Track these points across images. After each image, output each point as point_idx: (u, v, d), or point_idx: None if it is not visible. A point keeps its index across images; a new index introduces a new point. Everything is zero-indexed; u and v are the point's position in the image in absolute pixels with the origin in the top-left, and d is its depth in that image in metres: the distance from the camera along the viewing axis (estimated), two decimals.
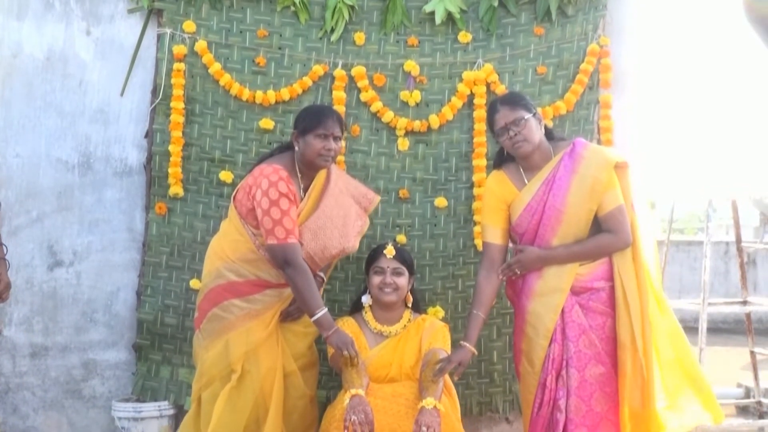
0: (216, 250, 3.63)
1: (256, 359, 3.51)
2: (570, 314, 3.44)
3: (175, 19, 4.27)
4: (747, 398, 6.20)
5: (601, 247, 3.45)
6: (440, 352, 3.60)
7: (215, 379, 3.54)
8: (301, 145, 3.57)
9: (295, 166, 3.60)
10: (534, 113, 3.50)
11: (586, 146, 3.52)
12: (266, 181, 3.45)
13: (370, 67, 4.32)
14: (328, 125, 3.56)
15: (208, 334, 3.56)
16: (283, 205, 3.42)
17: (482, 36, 4.39)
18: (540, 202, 3.49)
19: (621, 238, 3.43)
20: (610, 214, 3.43)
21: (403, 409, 3.44)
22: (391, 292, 3.72)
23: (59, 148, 4.33)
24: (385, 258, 3.75)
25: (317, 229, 3.60)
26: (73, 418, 4.35)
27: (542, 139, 3.52)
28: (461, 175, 4.35)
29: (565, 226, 3.45)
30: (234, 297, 3.52)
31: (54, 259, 4.33)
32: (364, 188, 3.95)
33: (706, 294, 5.65)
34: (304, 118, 3.61)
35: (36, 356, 4.32)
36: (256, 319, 3.53)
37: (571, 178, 3.44)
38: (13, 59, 4.31)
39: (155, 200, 4.25)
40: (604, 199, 3.42)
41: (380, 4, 4.37)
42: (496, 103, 3.57)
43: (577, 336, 3.43)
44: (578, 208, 3.43)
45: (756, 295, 9.05)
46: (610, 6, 4.45)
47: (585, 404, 3.39)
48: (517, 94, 3.73)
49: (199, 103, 4.27)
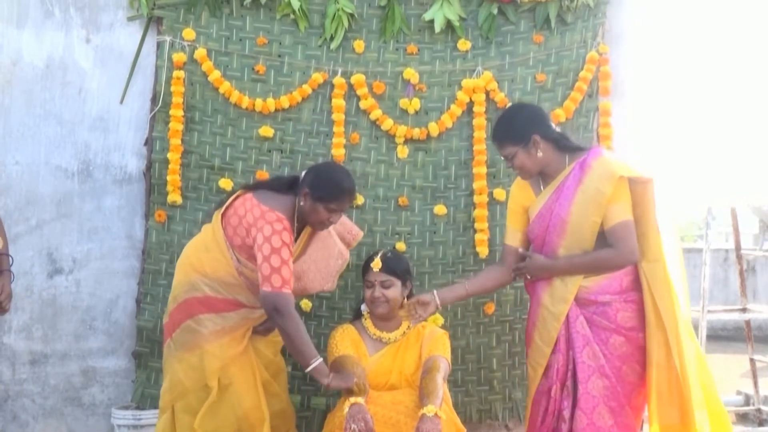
0: (193, 262, 3.55)
1: (232, 373, 3.47)
2: (574, 325, 3.43)
3: (175, 26, 4.27)
4: (747, 406, 6.19)
5: (601, 261, 3.42)
6: (440, 359, 3.60)
7: (189, 391, 3.47)
8: (308, 206, 3.50)
9: (294, 214, 3.54)
10: (524, 143, 3.45)
11: (598, 156, 3.45)
12: (269, 228, 3.38)
13: (370, 75, 4.33)
14: (343, 205, 3.56)
15: (181, 345, 3.50)
16: (285, 254, 3.36)
17: (481, 44, 4.40)
18: (548, 210, 3.48)
19: (622, 255, 3.38)
20: (612, 228, 3.38)
21: (402, 417, 3.43)
22: (381, 304, 3.71)
23: (59, 156, 4.33)
24: (372, 272, 3.72)
25: (301, 273, 3.62)
26: (73, 426, 4.35)
27: (549, 156, 3.47)
28: (461, 183, 4.36)
29: (570, 236, 3.43)
30: (209, 311, 3.47)
31: (53, 266, 4.33)
32: (350, 223, 3.93)
33: (706, 301, 5.66)
34: (323, 188, 3.49)
35: (35, 364, 4.32)
36: (229, 335, 3.49)
37: (577, 188, 3.41)
38: (13, 67, 4.32)
39: (155, 208, 4.24)
40: (608, 212, 3.37)
41: (379, 12, 4.38)
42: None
43: (581, 347, 3.41)
44: (582, 219, 3.40)
45: (755, 302, 9.05)
46: (609, 14, 4.47)
47: (587, 417, 3.36)
48: (503, 128, 3.56)
49: (198, 111, 4.27)
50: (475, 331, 4.34)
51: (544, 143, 3.47)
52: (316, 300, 4.25)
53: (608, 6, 4.46)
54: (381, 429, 3.35)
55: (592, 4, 4.40)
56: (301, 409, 4.14)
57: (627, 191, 3.40)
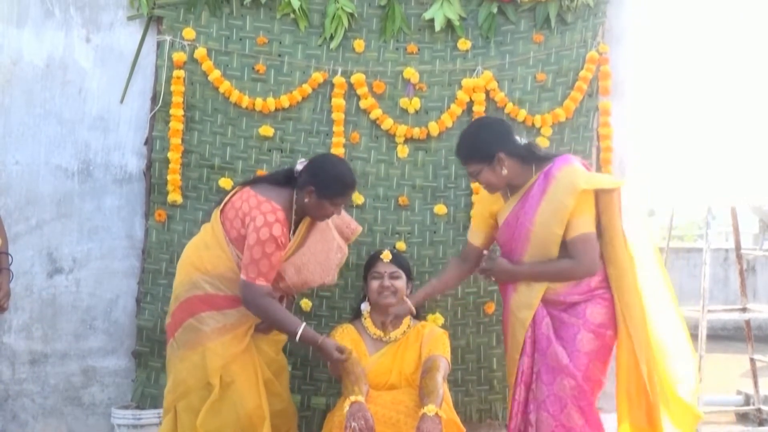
0: (194, 261, 3.57)
1: (234, 372, 3.48)
2: (540, 327, 3.43)
3: (175, 26, 4.27)
4: (747, 405, 6.19)
5: (562, 271, 3.41)
6: (440, 359, 3.60)
7: (191, 390, 3.49)
8: (312, 202, 3.51)
9: (292, 207, 3.55)
10: (489, 161, 3.42)
11: (562, 167, 3.41)
12: (262, 218, 3.40)
13: (370, 75, 4.33)
14: (348, 199, 3.63)
15: (183, 344, 3.51)
16: (268, 248, 3.38)
17: (481, 43, 4.40)
18: (515, 219, 3.48)
19: (583, 267, 3.38)
20: (572, 241, 3.36)
21: (402, 417, 3.44)
22: (390, 295, 3.73)
23: (59, 156, 4.33)
24: (382, 263, 3.78)
25: (301, 265, 3.62)
26: (73, 426, 4.35)
27: (514, 171, 3.45)
28: (460, 182, 4.36)
29: (534, 245, 3.42)
30: (210, 309, 3.49)
31: (53, 266, 4.33)
32: (348, 217, 3.93)
33: (706, 301, 5.65)
34: (328, 186, 3.50)
35: (35, 363, 4.32)
36: (230, 333, 3.50)
37: (541, 198, 3.39)
38: (13, 66, 4.32)
39: (155, 207, 4.24)
40: (570, 224, 3.35)
41: (379, 12, 4.38)
42: None
43: (545, 348, 3.40)
44: (545, 229, 3.38)
45: (755, 302, 9.03)
46: (610, 13, 4.47)
47: (554, 419, 3.35)
48: (467, 146, 3.53)
49: (198, 110, 4.27)
50: (475, 330, 4.34)
51: (509, 160, 3.44)
52: (316, 299, 4.25)
53: (608, 5, 4.46)
54: (381, 428, 3.36)
55: (592, 4, 4.40)
56: (301, 408, 4.14)
57: (590, 203, 3.38)
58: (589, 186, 3.35)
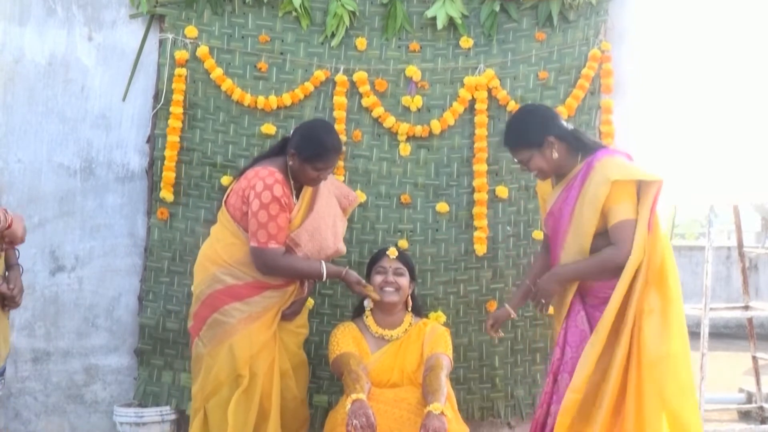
0: (209, 256, 3.61)
1: (260, 361, 3.52)
2: (574, 320, 3.43)
3: (177, 24, 4.27)
4: (749, 403, 6.19)
5: (605, 260, 3.34)
6: (443, 357, 3.61)
7: (223, 385, 3.53)
8: (296, 166, 3.55)
9: (288, 172, 3.59)
10: (539, 145, 3.42)
11: (603, 158, 3.40)
12: (261, 183, 3.46)
13: (372, 73, 4.33)
14: (330, 163, 3.58)
15: (210, 340, 3.55)
16: (273, 209, 3.43)
17: (484, 41, 4.40)
18: (558, 208, 3.48)
19: (624, 251, 3.30)
20: (612, 228, 3.33)
21: (405, 414, 3.44)
22: (393, 291, 3.73)
23: (61, 154, 4.34)
24: (387, 258, 3.78)
25: (313, 231, 3.62)
26: (75, 423, 4.35)
27: (563, 156, 3.45)
28: (463, 181, 4.36)
29: (571, 235, 3.41)
30: (234, 300, 3.52)
31: (56, 264, 4.33)
32: (346, 188, 3.97)
33: (708, 299, 5.64)
34: (306, 148, 3.51)
35: (38, 361, 4.33)
36: (257, 322, 3.54)
37: (580, 188, 3.40)
38: (15, 65, 4.32)
39: (157, 205, 4.25)
40: (609, 213, 3.32)
41: (381, 10, 4.38)
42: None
43: (577, 342, 3.40)
44: (582, 219, 3.38)
45: (758, 300, 9.03)
46: (612, 11, 4.46)
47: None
48: (516, 132, 3.52)
49: (200, 109, 4.27)
50: (477, 328, 4.34)
51: (559, 143, 3.44)
52: (318, 297, 4.26)
53: (610, 3, 4.45)
54: (384, 425, 3.36)
55: (595, 2, 4.39)
56: None
57: (628, 192, 3.34)
58: (622, 177, 3.32)
